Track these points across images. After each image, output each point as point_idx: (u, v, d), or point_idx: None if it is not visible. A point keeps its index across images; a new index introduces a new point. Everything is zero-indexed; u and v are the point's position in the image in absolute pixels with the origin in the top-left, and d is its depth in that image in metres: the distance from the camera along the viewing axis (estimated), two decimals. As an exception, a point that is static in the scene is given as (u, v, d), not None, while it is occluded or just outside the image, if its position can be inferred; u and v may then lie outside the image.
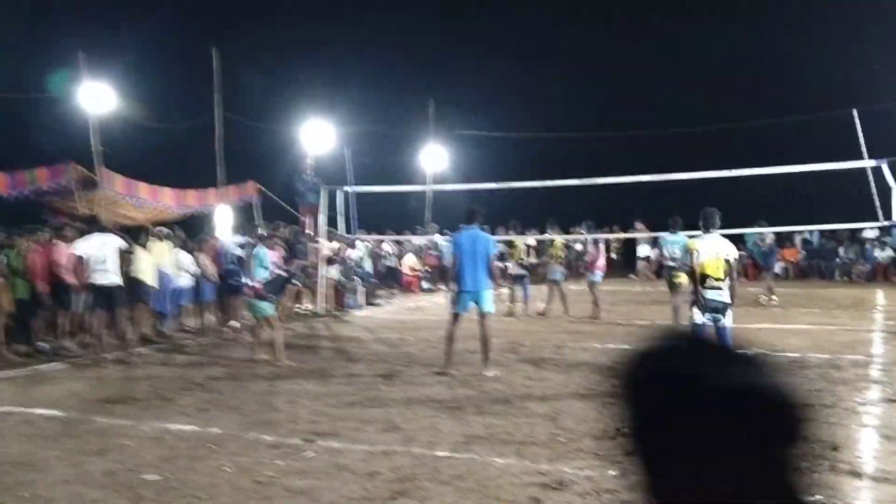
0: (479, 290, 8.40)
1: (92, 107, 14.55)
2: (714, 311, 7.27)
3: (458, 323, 8.52)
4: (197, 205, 18.20)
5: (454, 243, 8.63)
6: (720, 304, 7.27)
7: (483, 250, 8.44)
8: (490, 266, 8.50)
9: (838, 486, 4.44)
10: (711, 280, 7.24)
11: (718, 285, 7.25)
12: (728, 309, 7.33)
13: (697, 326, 7.27)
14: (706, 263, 7.26)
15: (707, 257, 7.27)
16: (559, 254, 15.44)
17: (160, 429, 6.13)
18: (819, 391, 7.14)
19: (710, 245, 7.37)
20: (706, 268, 7.26)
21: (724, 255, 7.31)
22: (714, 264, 7.25)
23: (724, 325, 7.30)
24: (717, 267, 7.25)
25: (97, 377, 8.70)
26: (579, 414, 6.41)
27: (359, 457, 5.20)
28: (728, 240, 7.69)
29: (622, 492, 3.78)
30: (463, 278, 8.41)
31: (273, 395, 7.45)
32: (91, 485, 4.73)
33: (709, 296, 7.26)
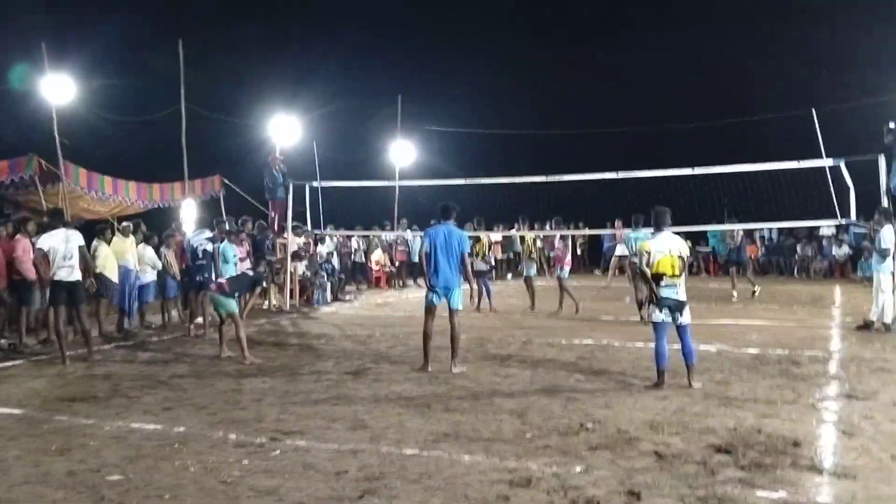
0: (451, 287, 8.45)
1: (54, 99, 14.25)
2: (670, 308, 7.36)
3: (432, 318, 8.54)
4: (161, 199, 17.98)
5: (428, 238, 8.59)
6: (676, 301, 7.36)
7: (457, 246, 8.46)
8: (463, 263, 8.52)
9: (799, 481, 4.54)
10: (667, 278, 7.32)
11: (674, 282, 7.34)
12: (685, 306, 7.42)
13: (657, 325, 7.40)
14: (660, 262, 7.32)
15: (660, 256, 7.34)
16: (532, 250, 15.62)
17: (123, 428, 6.05)
18: (779, 387, 7.29)
19: (663, 243, 7.43)
20: (660, 266, 7.33)
21: (677, 252, 7.39)
22: (668, 262, 7.31)
23: (683, 322, 7.40)
24: (671, 265, 7.31)
25: (58, 375, 8.55)
26: (546, 410, 6.47)
27: (326, 455, 5.19)
28: (681, 237, 7.78)
29: (587, 488, 3.85)
30: (435, 273, 8.44)
31: (239, 392, 7.39)
32: (53, 485, 4.66)
33: (665, 294, 7.34)
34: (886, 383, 7.42)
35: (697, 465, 4.90)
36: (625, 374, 8.06)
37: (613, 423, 5.98)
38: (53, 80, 14.24)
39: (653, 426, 5.88)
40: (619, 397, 6.96)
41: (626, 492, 4.38)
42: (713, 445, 5.30)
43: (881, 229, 11.12)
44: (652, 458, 5.05)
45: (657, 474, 4.71)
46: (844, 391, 7.10)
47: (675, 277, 7.33)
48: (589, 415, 6.28)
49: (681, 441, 5.46)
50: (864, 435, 5.57)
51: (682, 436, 5.60)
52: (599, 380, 7.81)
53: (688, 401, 6.75)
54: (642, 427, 5.86)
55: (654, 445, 5.34)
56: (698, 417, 6.15)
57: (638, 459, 5.04)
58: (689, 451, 5.21)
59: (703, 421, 6.02)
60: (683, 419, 6.10)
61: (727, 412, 6.31)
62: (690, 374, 7.37)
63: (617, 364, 8.71)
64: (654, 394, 7.10)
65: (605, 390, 7.28)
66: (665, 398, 6.89)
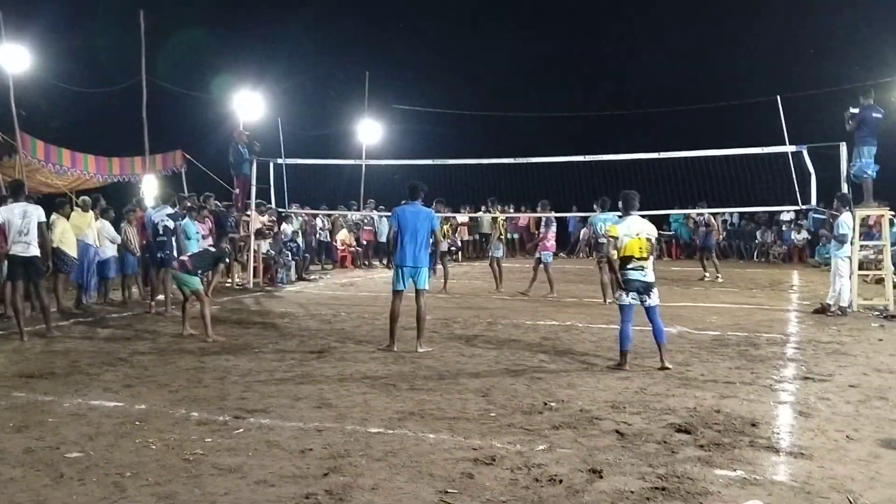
0: (419, 267, 8.41)
1: (10, 68, 13.86)
2: (637, 291, 7.42)
3: (399, 300, 8.51)
4: (121, 173, 17.67)
5: (397, 218, 8.53)
6: (643, 283, 7.42)
7: (425, 227, 8.44)
8: (435, 244, 8.50)
9: (757, 460, 4.63)
10: (634, 260, 7.38)
11: (641, 265, 7.39)
12: (653, 288, 7.49)
13: (623, 307, 7.47)
14: (628, 245, 7.38)
15: (628, 239, 7.39)
16: (502, 231, 15.70)
17: (83, 405, 5.95)
18: (738, 368, 7.43)
19: (631, 226, 7.47)
20: (628, 249, 7.38)
21: (644, 234, 7.43)
22: (636, 244, 7.37)
23: (651, 304, 7.46)
24: (638, 247, 7.37)
25: (15, 351, 8.38)
26: (510, 390, 6.50)
27: (290, 434, 5.16)
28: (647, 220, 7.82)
29: (550, 465, 3.88)
30: (403, 253, 8.40)
31: (201, 371, 7.31)
32: (10, 463, 4.56)
33: (632, 276, 7.40)
34: (842, 365, 7.60)
35: (658, 444, 4.97)
36: (588, 355, 8.14)
37: (576, 403, 6.04)
38: (10, 50, 13.85)
39: (615, 406, 5.95)
40: (582, 377, 7.03)
41: (589, 470, 4.43)
42: (673, 425, 5.39)
43: (840, 215, 11.36)
44: (614, 437, 5.11)
45: (619, 453, 4.77)
46: (801, 373, 7.26)
47: (643, 260, 7.40)
48: (552, 394, 6.33)
49: (642, 420, 5.54)
50: (820, 416, 5.69)
51: (643, 415, 5.68)
52: (563, 360, 7.88)
53: (649, 381, 6.84)
54: (604, 406, 5.93)
55: (616, 424, 5.41)
56: (659, 397, 6.24)
57: (600, 438, 5.10)
58: (650, 430, 5.29)
59: (664, 401, 6.11)
60: (645, 399, 6.18)
61: (687, 392, 6.41)
62: (662, 354, 7.44)
63: (580, 345, 8.79)
64: (616, 374, 7.19)
65: (568, 371, 7.35)
66: (627, 378, 6.98)
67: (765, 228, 24.10)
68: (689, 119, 23.38)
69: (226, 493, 4.06)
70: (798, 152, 12.66)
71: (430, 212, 8.74)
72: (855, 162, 11.71)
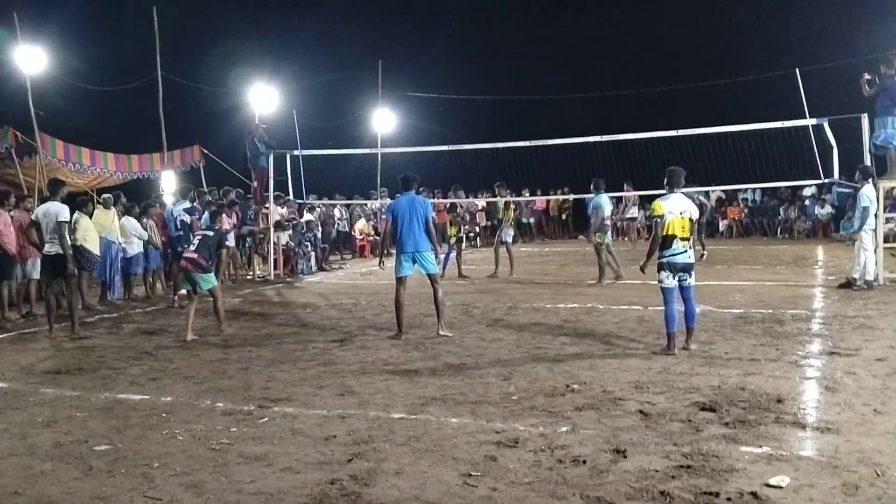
0: (420, 251, 8.53)
1: (28, 69, 13.98)
2: (682, 270, 7.23)
3: (403, 288, 8.57)
4: (140, 170, 17.80)
5: (391, 212, 8.78)
6: (688, 263, 7.24)
7: (421, 214, 8.58)
8: (429, 228, 8.60)
9: (783, 436, 4.60)
10: (678, 240, 7.17)
11: (684, 245, 7.19)
12: (692, 268, 7.32)
13: (667, 290, 7.27)
14: (671, 223, 7.17)
15: (671, 217, 7.18)
16: (512, 216, 15.64)
17: (110, 399, 6.03)
18: (763, 346, 7.36)
19: (677, 204, 7.26)
20: (671, 227, 7.17)
21: (688, 213, 7.25)
22: (679, 223, 7.17)
23: (689, 284, 7.29)
24: (682, 226, 7.18)
25: (43, 348, 8.50)
26: (532, 373, 6.50)
27: (314, 421, 5.20)
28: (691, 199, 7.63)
29: (574, 447, 3.87)
30: (403, 241, 8.54)
31: (225, 362, 7.37)
32: (40, 457, 4.64)
33: (676, 257, 7.17)
34: (869, 339, 7.51)
35: (682, 422, 4.95)
36: (609, 337, 8.11)
37: (599, 384, 6.02)
38: (27, 51, 13.96)
39: (637, 386, 5.93)
40: (604, 359, 7.00)
41: (613, 450, 4.42)
42: (697, 403, 5.36)
43: (861, 188, 11.20)
44: (637, 417, 5.10)
45: (643, 432, 4.76)
46: (827, 348, 7.18)
47: (685, 240, 7.21)
48: (574, 376, 6.32)
49: (665, 400, 5.51)
50: (846, 390, 5.64)
51: (666, 395, 5.65)
52: (584, 342, 7.86)
53: (672, 361, 6.81)
54: (627, 387, 5.90)
55: (639, 405, 5.39)
56: (682, 377, 6.20)
57: (623, 418, 5.08)
58: (674, 409, 5.26)
59: (688, 380, 6.08)
60: (668, 379, 6.15)
61: (711, 371, 6.37)
62: (690, 336, 7.31)
63: (602, 327, 8.76)
64: (638, 355, 7.16)
65: (590, 353, 7.32)
66: (649, 359, 6.95)
67: (787, 204, 23.84)
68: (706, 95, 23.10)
69: (252, 481, 4.10)
70: (819, 125, 12.48)
71: (424, 199, 8.88)
72: (879, 133, 11.52)
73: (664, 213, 7.21)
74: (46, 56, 14.59)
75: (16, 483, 4.20)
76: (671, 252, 7.18)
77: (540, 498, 3.80)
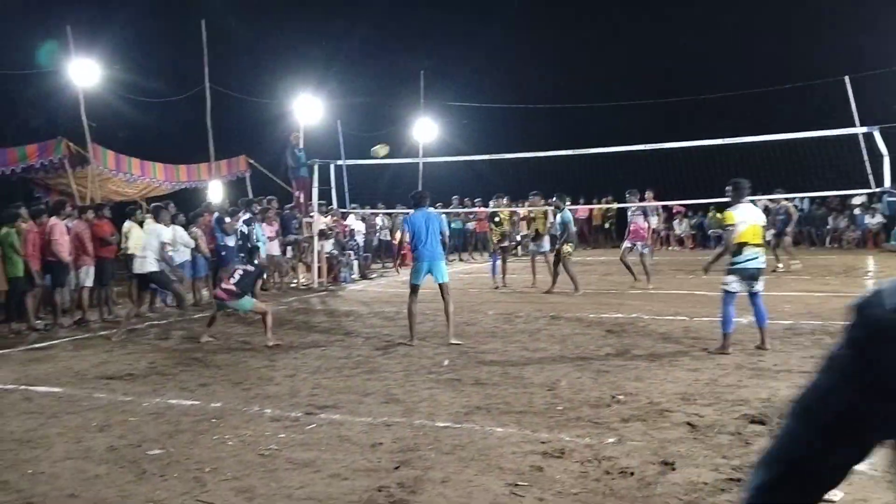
0: (434, 260, 8.90)
1: (80, 81, 14.38)
2: (752, 277, 7.46)
3: (416, 297, 8.95)
4: (188, 180, 18.13)
5: (409, 224, 9.20)
6: (759, 269, 7.49)
7: (435, 228, 9.03)
8: (443, 241, 9.13)
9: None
10: (750, 247, 7.42)
11: (756, 252, 7.48)
12: (762, 273, 7.59)
13: (730, 294, 7.47)
14: (744, 232, 7.42)
15: (744, 226, 7.43)
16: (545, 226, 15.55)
17: (161, 404, 6.16)
18: (813, 357, 7.23)
19: (747, 213, 7.55)
20: (744, 236, 7.42)
21: (759, 221, 7.59)
22: (751, 231, 7.45)
23: (758, 289, 7.51)
24: (755, 233, 7.47)
25: (95, 354, 8.71)
26: (576, 383, 6.48)
27: (361, 429, 5.25)
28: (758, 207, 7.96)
29: (621, 458, 3.85)
30: (419, 252, 8.98)
31: (272, 369, 7.48)
32: (95, 460, 4.76)
33: (749, 264, 7.43)
34: (922, 352, 7.31)
35: (731, 435, 4.89)
36: (655, 347, 8.04)
37: (645, 396, 5.97)
38: (79, 64, 14.36)
39: (685, 398, 5.87)
40: (650, 370, 6.95)
41: (660, 462, 4.39)
42: (747, 416, 5.28)
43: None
44: (685, 429, 5.05)
45: (691, 445, 4.71)
46: (879, 361, 7.01)
47: (759, 247, 7.50)
48: (620, 387, 6.28)
49: (714, 412, 5.45)
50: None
51: (714, 407, 5.59)
52: (629, 353, 7.80)
53: (720, 372, 6.72)
54: (674, 399, 5.85)
55: (687, 416, 5.34)
56: (731, 388, 6.12)
57: (671, 430, 5.04)
58: (723, 421, 5.20)
59: (736, 392, 6.00)
60: (716, 390, 6.08)
61: (760, 383, 6.28)
62: (764, 336, 7.57)
63: (646, 337, 8.68)
64: (685, 366, 7.08)
65: (635, 363, 7.27)
66: (697, 370, 6.87)
67: (837, 213, 23.34)
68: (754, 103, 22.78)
69: (301, 487, 4.16)
70: (869, 133, 12.24)
71: (436, 214, 9.64)
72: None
73: (736, 223, 7.45)
74: (99, 69, 14.99)
75: (72, 486, 4.31)
76: (743, 259, 7.43)
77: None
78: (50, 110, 21.54)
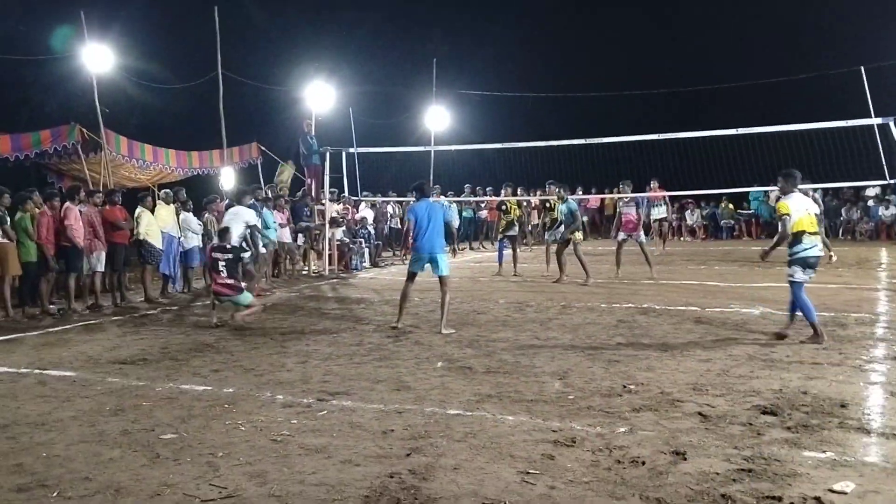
0: (435, 253, 9.01)
1: (94, 67, 14.41)
2: (812, 266, 7.57)
3: (412, 283, 9.24)
4: (200, 166, 18.17)
5: (412, 213, 9.28)
6: (818, 257, 7.62)
7: (438, 218, 9.17)
8: (447, 231, 9.22)
9: (847, 442, 4.50)
10: (807, 235, 7.50)
11: (814, 240, 7.56)
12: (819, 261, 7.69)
13: (797, 284, 7.56)
14: (800, 221, 7.51)
15: (798, 215, 7.52)
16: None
17: (174, 389, 6.20)
18: (825, 349, 7.20)
19: (800, 203, 7.64)
20: (800, 224, 7.51)
21: (813, 210, 7.67)
22: (807, 220, 7.55)
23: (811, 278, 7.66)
24: (810, 222, 7.56)
25: (108, 338, 8.77)
26: (587, 372, 6.47)
27: (372, 415, 5.27)
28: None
29: (632, 447, 3.86)
30: (420, 242, 9.07)
31: (284, 355, 7.52)
32: (108, 444, 4.79)
33: (809, 252, 7.51)
34: (936, 345, 7.29)
35: (743, 426, 4.88)
36: (666, 338, 8.02)
37: (656, 385, 5.97)
38: (93, 49, 14.38)
39: (696, 388, 5.86)
40: (661, 360, 6.94)
41: (672, 451, 4.39)
42: (758, 407, 5.27)
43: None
44: (696, 420, 5.04)
45: (702, 435, 4.71)
46: (892, 353, 7.00)
47: (815, 235, 7.57)
48: (631, 377, 6.27)
49: (725, 402, 5.44)
50: (913, 396, 5.49)
51: (726, 397, 5.57)
52: (640, 343, 7.79)
53: (732, 363, 6.71)
54: (686, 389, 5.84)
55: (699, 407, 5.33)
56: (742, 379, 6.11)
57: (682, 420, 5.03)
58: (734, 412, 5.19)
59: (748, 383, 5.99)
60: (727, 381, 6.07)
61: (772, 374, 6.26)
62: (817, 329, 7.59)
63: (658, 327, 8.66)
64: (696, 356, 7.07)
65: (646, 353, 7.26)
66: (708, 360, 6.85)
67: (850, 205, 23.18)
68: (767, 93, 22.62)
69: (314, 472, 4.18)
70: (884, 124, 12.13)
71: (441, 204, 9.54)
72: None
73: (791, 212, 7.53)
74: (112, 55, 15.01)
75: (86, 469, 4.35)
76: (803, 248, 7.52)
77: (599, 498, 3.79)
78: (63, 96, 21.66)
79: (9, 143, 14.07)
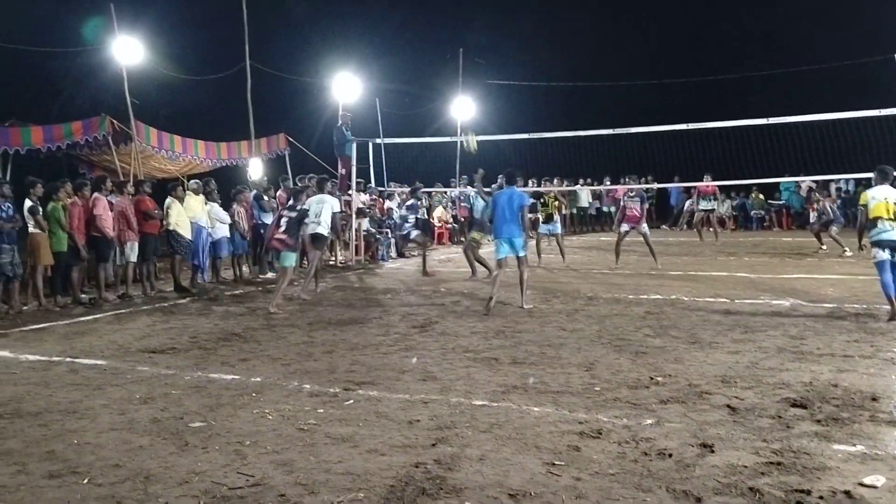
0: (513, 237, 9.64)
1: (124, 59, 14.55)
2: (891, 248, 8.17)
3: (502, 269, 9.80)
4: (229, 157, 18.29)
5: (493, 201, 10.01)
6: (893, 241, 8.19)
7: (518, 205, 9.66)
8: (523, 218, 9.70)
9: (878, 435, 4.43)
10: (883, 220, 8.22)
11: (891, 226, 8.21)
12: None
13: (881, 263, 8.21)
14: (876, 207, 8.29)
15: (875, 202, 8.32)
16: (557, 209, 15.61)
17: (203, 378, 6.27)
18: (857, 342, 7.09)
19: (880, 192, 8.40)
20: (878, 210, 8.26)
21: (893, 199, 8.30)
22: (882, 207, 8.28)
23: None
24: (888, 209, 8.27)
25: (138, 328, 8.89)
26: (614, 364, 6.44)
27: (398, 405, 5.29)
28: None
29: (659, 440, 3.82)
30: (499, 228, 9.75)
31: (311, 345, 7.57)
32: (139, 432, 4.86)
33: (884, 236, 8.21)
34: (972, 338, 7.14)
35: (772, 418, 4.82)
36: (695, 329, 7.95)
37: (684, 377, 5.92)
38: (122, 41, 14.52)
39: (725, 380, 5.80)
40: (689, 352, 6.88)
41: (699, 444, 4.35)
42: (788, 399, 5.21)
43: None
44: (725, 412, 4.99)
45: (730, 427, 4.66)
46: (926, 346, 6.87)
47: (892, 221, 8.21)
48: (659, 369, 6.23)
49: (754, 395, 5.38)
50: (948, 390, 5.39)
51: (755, 390, 5.51)
52: (668, 334, 7.72)
53: (761, 356, 6.63)
54: (714, 381, 5.79)
55: (727, 399, 5.27)
56: (772, 372, 6.04)
57: (710, 413, 4.98)
58: (763, 404, 5.13)
59: (777, 375, 5.92)
60: (756, 374, 6.00)
61: (802, 367, 6.18)
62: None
63: (686, 319, 8.59)
64: (725, 348, 7.00)
65: (674, 345, 7.20)
66: (737, 352, 6.78)
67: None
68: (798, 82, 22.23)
69: (340, 461, 4.21)
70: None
71: (520, 193, 10.00)
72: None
73: (868, 201, 8.43)
74: (141, 47, 15.14)
75: (116, 456, 4.41)
76: (877, 231, 8.31)
77: (625, 489, 3.77)
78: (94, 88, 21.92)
79: (41, 135, 14.29)
